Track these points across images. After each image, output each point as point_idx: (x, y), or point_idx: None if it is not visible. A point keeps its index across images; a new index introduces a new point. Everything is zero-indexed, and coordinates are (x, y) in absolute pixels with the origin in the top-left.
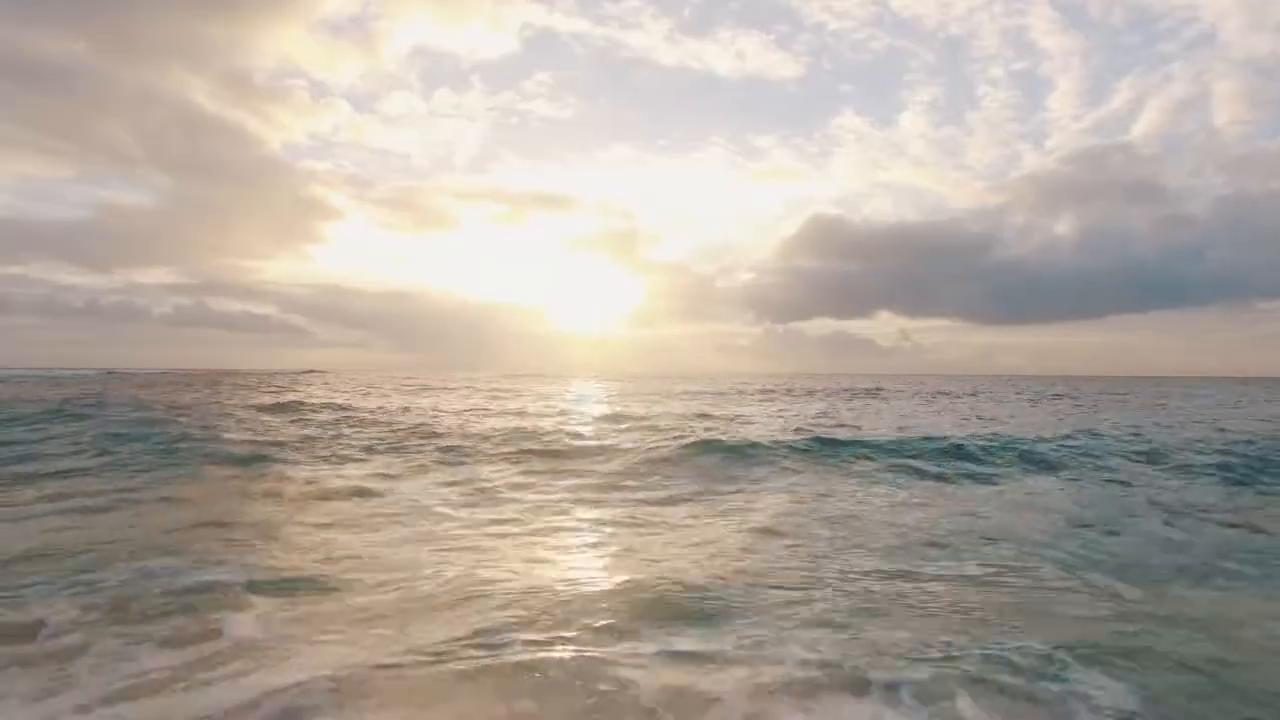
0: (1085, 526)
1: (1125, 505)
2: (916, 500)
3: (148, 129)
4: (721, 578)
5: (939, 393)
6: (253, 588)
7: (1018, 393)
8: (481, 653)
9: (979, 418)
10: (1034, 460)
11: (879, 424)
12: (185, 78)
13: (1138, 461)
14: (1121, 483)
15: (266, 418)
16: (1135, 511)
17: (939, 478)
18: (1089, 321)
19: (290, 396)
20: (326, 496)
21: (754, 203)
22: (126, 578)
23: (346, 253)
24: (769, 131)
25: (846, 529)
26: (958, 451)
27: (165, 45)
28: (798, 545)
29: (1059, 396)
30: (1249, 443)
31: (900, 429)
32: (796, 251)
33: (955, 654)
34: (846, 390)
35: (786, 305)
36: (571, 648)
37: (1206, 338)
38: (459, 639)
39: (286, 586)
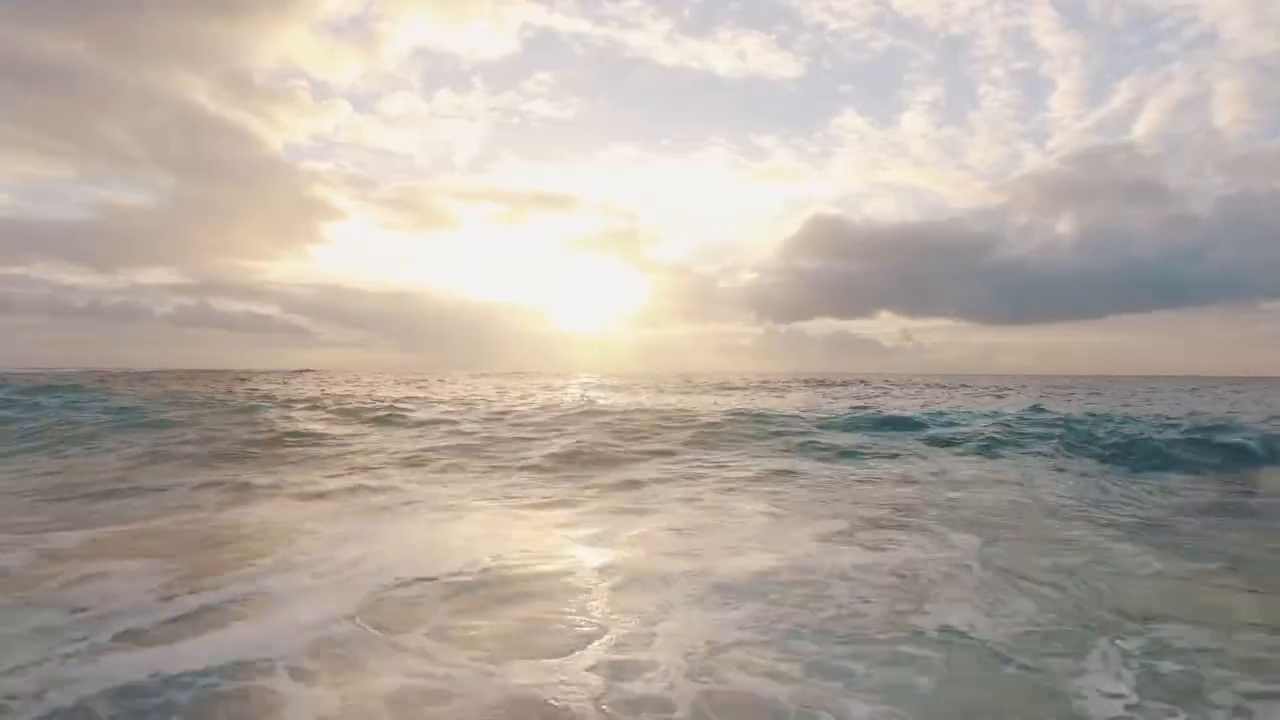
0: None
1: None
2: None
3: (149, 129)
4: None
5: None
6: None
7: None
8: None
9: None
10: None
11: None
12: (186, 78)
13: None
14: None
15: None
16: None
17: None
18: (1090, 321)
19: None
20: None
21: (755, 203)
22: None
23: (348, 253)
24: (770, 131)
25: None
26: None
27: (166, 45)
28: None
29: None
30: None
31: None
32: (798, 252)
33: None
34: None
35: (788, 305)
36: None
37: (1209, 338)
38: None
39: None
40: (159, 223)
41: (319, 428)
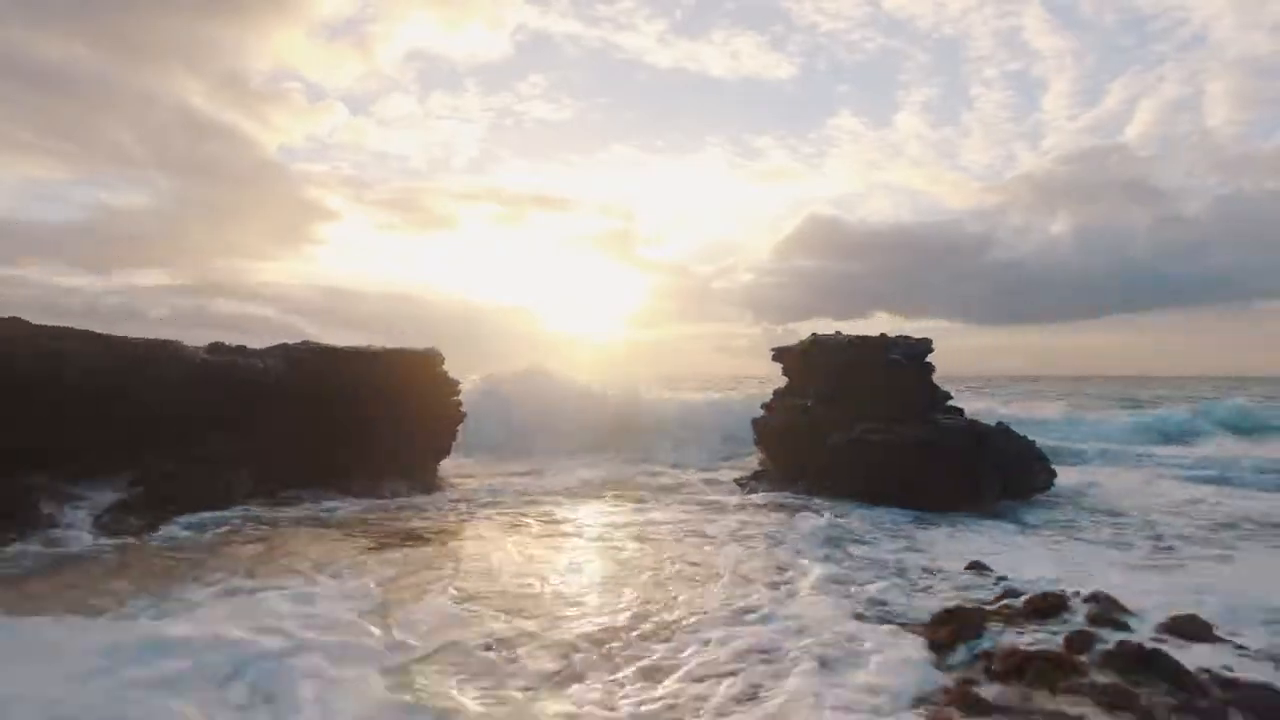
0: None
1: None
2: None
3: (148, 130)
4: None
5: None
6: None
7: None
8: None
9: None
10: None
11: None
12: (185, 80)
13: None
14: None
15: None
16: None
17: None
18: (1088, 322)
19: None
20: None
21: (752, 203)
22: None
23: (346, 254)
24: (766, 132)
25: None
26: None
27: (166, 47)
28: None
29: None
30: None
31: None
32: (794, 252)
33: None
34: None
35: (784, 306)
36: None
37: (1206, 338)
38: None
39: None
40: (156, 224)
41: None
